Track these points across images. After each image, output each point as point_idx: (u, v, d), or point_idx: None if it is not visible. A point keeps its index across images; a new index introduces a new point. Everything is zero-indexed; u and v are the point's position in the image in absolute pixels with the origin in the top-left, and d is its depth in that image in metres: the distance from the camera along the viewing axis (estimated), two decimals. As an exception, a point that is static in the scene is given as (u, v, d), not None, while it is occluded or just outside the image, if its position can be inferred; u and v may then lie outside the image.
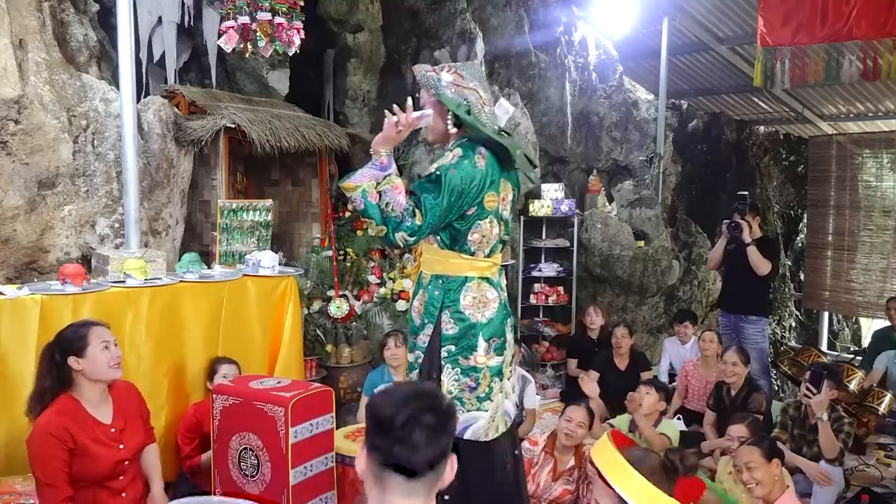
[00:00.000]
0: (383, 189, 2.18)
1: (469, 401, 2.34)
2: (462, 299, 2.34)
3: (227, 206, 4.19)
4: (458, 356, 2.33)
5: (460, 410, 2.31)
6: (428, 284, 2.39)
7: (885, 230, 8.34)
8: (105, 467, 2.51)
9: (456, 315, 2.33)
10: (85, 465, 2.46)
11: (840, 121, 9.06)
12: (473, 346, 2.35)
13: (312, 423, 2.94)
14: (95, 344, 2.50)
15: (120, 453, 2.56)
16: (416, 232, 2.21)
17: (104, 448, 2.51)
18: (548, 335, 6.69)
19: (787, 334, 9.52)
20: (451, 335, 2.32)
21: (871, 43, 5.87)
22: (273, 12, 3.87)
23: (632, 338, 5.29)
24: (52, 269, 3.82)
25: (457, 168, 2.23)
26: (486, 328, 2.36)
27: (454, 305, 2.33)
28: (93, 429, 2.51)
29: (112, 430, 2.56)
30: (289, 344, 3.90)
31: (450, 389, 2.32)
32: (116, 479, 2.56)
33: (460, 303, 2.34)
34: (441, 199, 2.21)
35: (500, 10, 7.29)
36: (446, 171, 2.23)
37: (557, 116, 7.67)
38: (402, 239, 2.22)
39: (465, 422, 2.33)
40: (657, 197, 7.62)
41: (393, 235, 2.20)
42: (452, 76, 2.33)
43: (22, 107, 3.69)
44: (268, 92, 5.66)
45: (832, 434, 3.56)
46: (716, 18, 7.73)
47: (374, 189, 2.18)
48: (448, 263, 2.35)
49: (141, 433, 2.71)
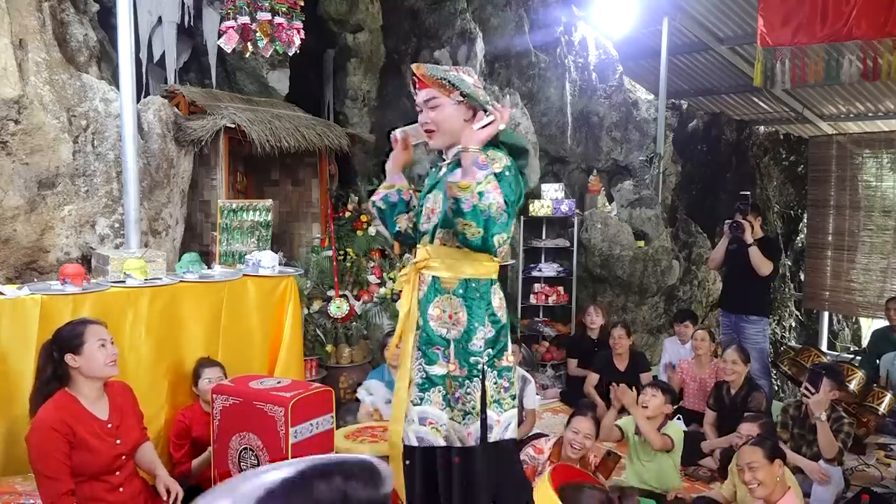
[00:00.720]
0: (485, 189, 2.06)
1: (506, 401, 2.33)
2: (493, 301, 2.31)
3: (227, 206, 4.19)
4: (496, 359, 2.31)
5: (499, 412, 2.30)
6: (457, 289, 2.28)
7: (885, 230, 8.35)
8: (104, 461, 2.55)
9: (492, 317, 2.31)
10: (84, 458, 2.50)
11: (840, 121, 9.06)
12: (505, 346, 2.35)
13: (312, 423, 2.94)
14: (92, 342, 2.54)
15: (117, 448, 2.60)
16: (509, 234, 2.15)
17: (102, 442, 2.55)
18: (548, 335, 6.69)
19: (787, 334, 9.52)
20: (489, 338, 2.29)
21: (871, 43, 5.87)
22: (273, 12, 3.88)
23: (630, 338, 5.28)
24: (52, 269, 3.82)
25: (510, 170, 2.19)
26: (508, 328, 2.38)
27: (489, 308, 2.30)
28: (90, 423, 2.55)
29: (109, 425, 2.60)
30: (289, 344, 3.89)
31: (492, 394, 2.29)
32: (114, 474, 2.60)
33: (493, 305, 2.31)
34: (512, 199, 2.17)
35: (500, 10, 7.29)
36: (503, 174, 2.15)
37: (557, 116, 7.67)
38: (499, 241, 2.12)
39: (505, 422, 2.32)
40: (657, 197, 7.62)
41: (491, 239, 2.10)
42: (473, 79, 2.29)
43: (22, 107, 3.69)
44: (268, 92, 5.66)
45: (831, 434, 3.56)
46: (716, 18, 7.74)
47: (476, 190, 2.07)
48: (480, 266, 2.28)
49: (136, 430, 2.74)
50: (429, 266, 2.31)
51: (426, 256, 2.32)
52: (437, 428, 2.25)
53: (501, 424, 2.30)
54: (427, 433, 2.25)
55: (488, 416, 2.26)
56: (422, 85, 2.27)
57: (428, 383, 2.28)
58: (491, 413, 2.27)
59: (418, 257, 2.36)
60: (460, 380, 2.26)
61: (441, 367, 2.27)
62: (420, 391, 2.28)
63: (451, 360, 2.27)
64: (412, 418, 2.27)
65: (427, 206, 2.36)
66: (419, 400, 2.27)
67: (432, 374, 2.28)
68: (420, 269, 2.34)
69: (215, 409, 2.97)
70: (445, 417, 2.25)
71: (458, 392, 2.26)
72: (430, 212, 2.34)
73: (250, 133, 4.81)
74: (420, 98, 2.28)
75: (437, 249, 2.30)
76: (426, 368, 2.29)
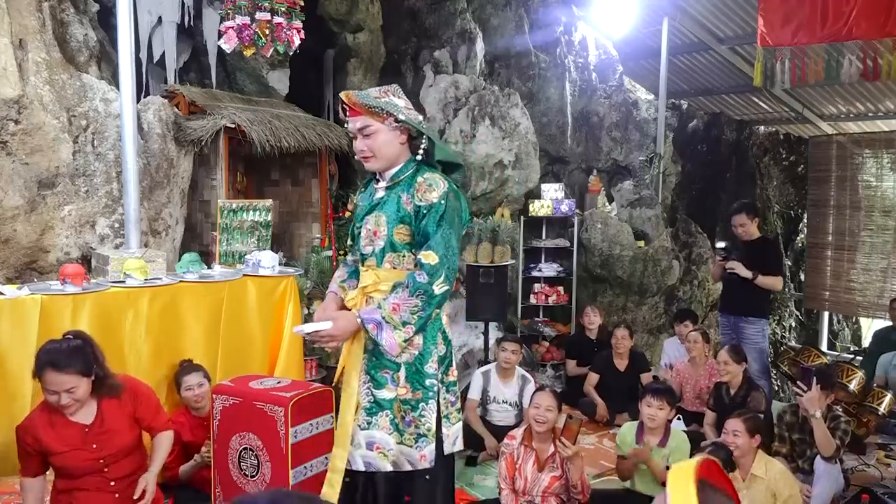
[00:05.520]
0: (393, 320, 2.12)
1: (453, 414, 2.35)
2: (442, 318, 2.33)
3: (227, 206, 4.19)
4: (444, 375, 2.32)
5: (448, 426, 2.31)
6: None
7: (885, 230, 8.34)
8: (79, 466, 2.54)
9: (444, 335, 2.32)
10: (61, 461, 2.53)
11: (840, 121, 9.06)
12: (451, 361, 2.37)
13: (312, 423, 2.94)
14: (45, 386, 2.46)
15: (94, 452, 2.56)
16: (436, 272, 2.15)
17: (75, 449, 2.53)
18: (548, 335, 6.68)
19: (787, 334, 9.52)
20: (441, 356, 2.30)
21: (871, 43, 5.87)
22: (272, 12, 3.88)
23: (632, 339, 5.29)
24: (52, 269, 3.82)
25: (446, 197, 2.20)
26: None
27: (441, 326, 2.31)
28: (65, 430, 2.52)
29: (87, 430, 2.56)
30: (289, 344, 3.90)
31: (443, 411, 2.29)
32: (101, 473, 2.58)
33: (443, 322, 2.33)
34: (456, 228, 2.21)
35: (500, 10, 7.30)
36: (440, 205, 2.18)
37: (557, 116, 7.67)
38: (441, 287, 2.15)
39: (454, 435, 2.34)
40: (657, 197, 7.62)
41: (443, 288, 2.15)
42: (403, 100, 2.29)
43: (22, 107, 3.69)
44: (268, 92, 5.67)
45: (827, 431, 3.56)
46: (716, 18, 7.74)
47: (399, 324, 2.12)
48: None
49: (127, 434, 2.66)
50: (379, 290, 2.27)
51: (375, 280, 2.28)
52: (385, 453, 2.23)
53: (451, 438, 2.32)
54: (374, 458, 2.24)
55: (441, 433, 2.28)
56: (353, 112, 2.24)
57: (376, 407, 2.25)
58: (443, 429, 2.29)
59: (365, 281, 2.32)
60: (412, 403, 2.24)
61: (389, 391, 2.25)
62: (367, 415, 2.26)
63: (400, 383, 2.24)
64: (359, 443, 2.25)
65: (368, 227, 2.32)
66: (366, 424, 2.25)
67: (380, 398, 2.25)
68: (368, 293, 2.30)
69: (215, 409, 2.98)
70: (393, 442, 2.23)
71: (410, 415, 2.24)
72: (372, 234, 2.30)
73: (250, 133, 4.81)
74: (354, 126, 2.25)
75: (386, 273, 2.27)
76: (374, 392, 2.26)
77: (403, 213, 2.23)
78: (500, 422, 4.39)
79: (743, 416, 3.31)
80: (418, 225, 2.21)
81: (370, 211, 2.33)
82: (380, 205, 2.30)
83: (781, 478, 3.20)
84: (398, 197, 2.25)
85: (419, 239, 2.21)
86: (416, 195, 2.21)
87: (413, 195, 2.22)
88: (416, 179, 2.23)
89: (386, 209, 2.27)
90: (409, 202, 2.22)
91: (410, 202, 2.22)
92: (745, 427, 3.24)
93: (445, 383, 2.31)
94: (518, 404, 4.42)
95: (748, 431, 3.23)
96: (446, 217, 2.18)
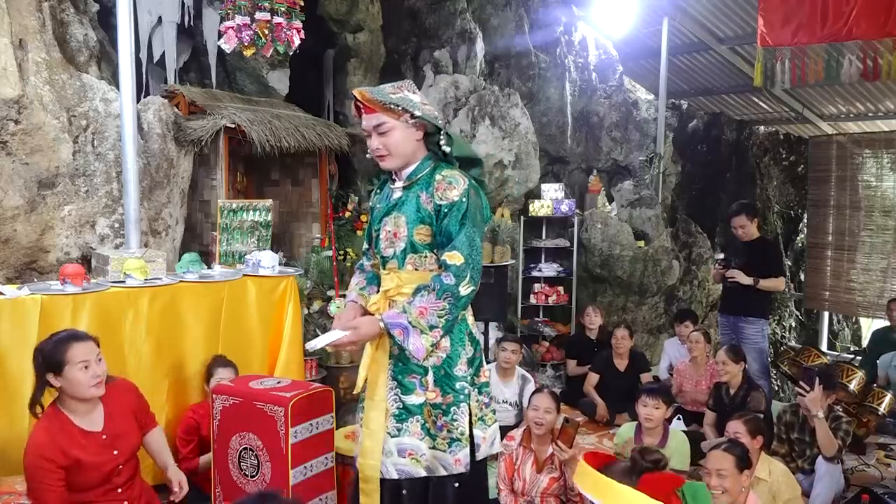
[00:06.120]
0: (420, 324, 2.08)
1: (488, 416, 2.31)
2: (468, 319, 2.28)
3: (227, 206, 4.19)
4: (475, 377, 2.27)
5: (484, 429, 2.27)
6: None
7: (885, 230, 8.34)
8: (102, 474, 2.49)
9: (471, 336, 2.27)
10: (81, 476, 2.44)
11: (840, 121, 9.06)
12: (482, 361, 2.31)
13: (312, 423, 2.94)
14: (73, 363, 2.39)
15: (116, 458, 2.53)
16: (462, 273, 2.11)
17: (98, 457, 2.48)
18: (548, 335, 6.69)
19: (787, 334, 9.52)
20: (470, 358, 2.25)
21: (871, 43, 5.87)
22: (272, 12, 3.88)
23: (632, 339, 5.29)
24: (52, 269, 3.82)
25: (467, 195, 2.15)
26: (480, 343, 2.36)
27: (468, 327, 2.27)
28: (81, 441, 2.46)
29: (104, 436, 2.52)
30: (289, 344, 3.90)
31: (476, 413, 2.25)
32: (110, 481, 2.55)
33: (469, 323, 2.28)
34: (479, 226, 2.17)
35: (500, 10, 7.30)
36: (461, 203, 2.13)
37: (557, 116, 7.67)
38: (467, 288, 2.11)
39: (490, 437, 2.31)
40: (657, 197, 7.62)
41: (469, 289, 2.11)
42: (418, 96, 2.23)
43: (22, 107, 3.69)
44: (268, 92, 5.67)
45: (830, 431, 3.56)
46: (716, 18, 7.74)
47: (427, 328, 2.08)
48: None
49: (135, 433, 2.66)
50: (402, 294, 2.21)
51: (398, 283, 2.23)
52: (418, 458, 2.19)
53: (487, 441, 2.29)
54: (407, 465, 2.19)
55: (475, 436, 2.24)
56: (368, 110, 2.18)
57: (405, 413, 2.21)
58: (477, 432, 2.25)
59: (388, 285, 2.26)
60: (443, 407, 2.20)
61: (418, 395, 2.20)
62: (397, 422, 2.21)
63: (429, 387, 2.20)
64: (390, 450, 2.20)
65: (387, 228, 2.25)
66: (396, 431, 2.20)
67: (409, 403, 2.21)
68: (391, 297, 2.24)
69: (215, 409, 2.98)
70: (425, 447, 2.19)
71: (442, 420, 2.19)
72: (392, 235, 2.24)
73: (250, 133, 4.81)
74: (368, 124, 2.19)
75: (409, 275, 2.22)
76: (402, 398, 2.21)
77: (423, 212, 2.17)
78: (500, 422, 4.39)
79: (744, 418, 3.27)
80: (440, 224, 2.14)
81: (388, 212, 2.26)
82: (398, 205, 2.23)
83: (784, 480, 3.19)
84: (417, 196, 2.18)
85: (441, 239, 2.15)
86: (435, 194, 2.14)
87: (433, 194, 2.15)
88: (434, 177, 2.17)
89: (405, 209, 2.20)
90: (429, 201, 2.15)
91: (430, 201, 2.15)
92: (746, 429, 3.21)
93: (477, 385, 2.26)
94: (518, 404, 4.43)
95: (749, 433, 3.20)
96: (469, 215, 2.12)
